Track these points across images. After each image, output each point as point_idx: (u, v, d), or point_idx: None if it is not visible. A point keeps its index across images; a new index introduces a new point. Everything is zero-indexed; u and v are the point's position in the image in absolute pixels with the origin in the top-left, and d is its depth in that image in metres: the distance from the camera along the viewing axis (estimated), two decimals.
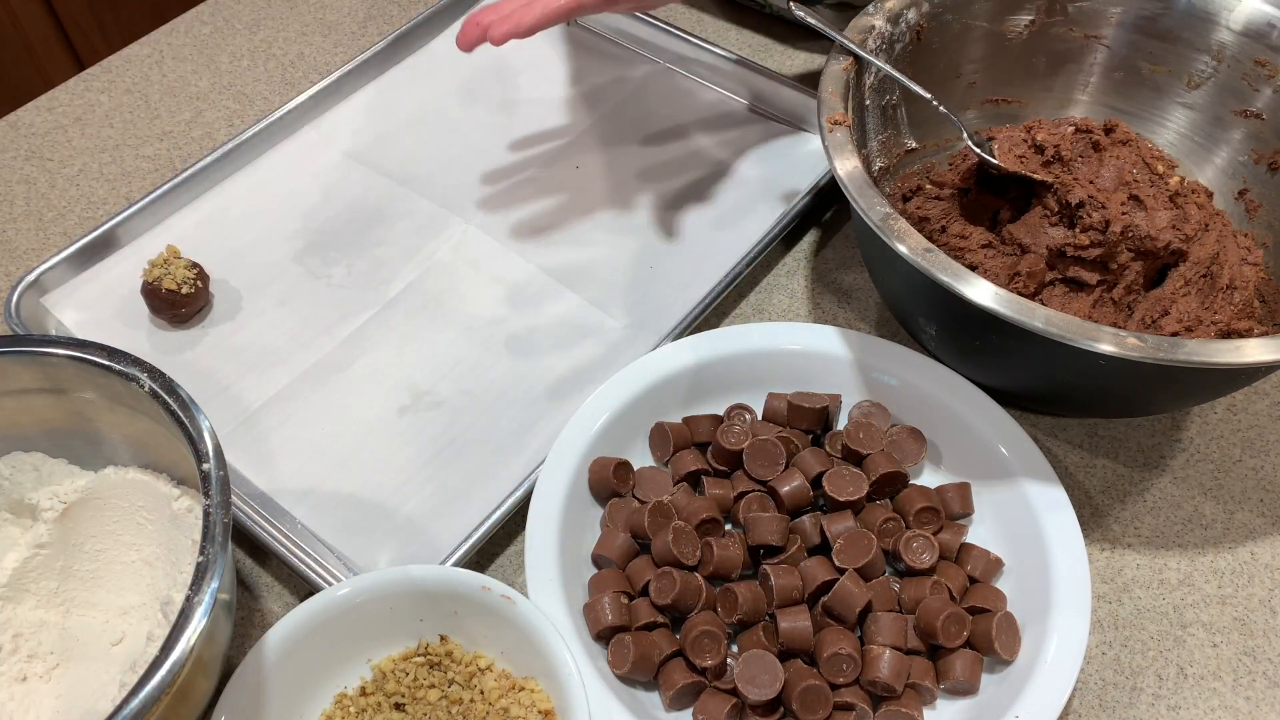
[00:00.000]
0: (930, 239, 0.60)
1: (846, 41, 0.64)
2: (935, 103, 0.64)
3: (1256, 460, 0.64)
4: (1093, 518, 0.62)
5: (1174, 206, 0.62)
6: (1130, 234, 0.60)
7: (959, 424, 0.60)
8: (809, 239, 0.76)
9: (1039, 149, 0.66)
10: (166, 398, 0.50)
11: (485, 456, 0.63)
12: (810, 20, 0.67)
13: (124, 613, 0.55)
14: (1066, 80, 0.73)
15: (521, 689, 0.51)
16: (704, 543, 0.56)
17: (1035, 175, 0.62)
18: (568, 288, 0.71)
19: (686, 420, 0.62)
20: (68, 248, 0.69)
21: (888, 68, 0.64)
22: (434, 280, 0.71)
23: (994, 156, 0.64)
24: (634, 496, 0.59)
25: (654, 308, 0.69)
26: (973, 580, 0.56)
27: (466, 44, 0.63)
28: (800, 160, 0.78)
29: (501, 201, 0.76)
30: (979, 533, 0.59)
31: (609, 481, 0.58)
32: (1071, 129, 0.67)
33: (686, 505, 0.58)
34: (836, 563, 0.55)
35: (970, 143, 0.64)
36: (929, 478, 0.62)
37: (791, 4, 0.68)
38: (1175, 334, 0.60)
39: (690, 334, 0.64)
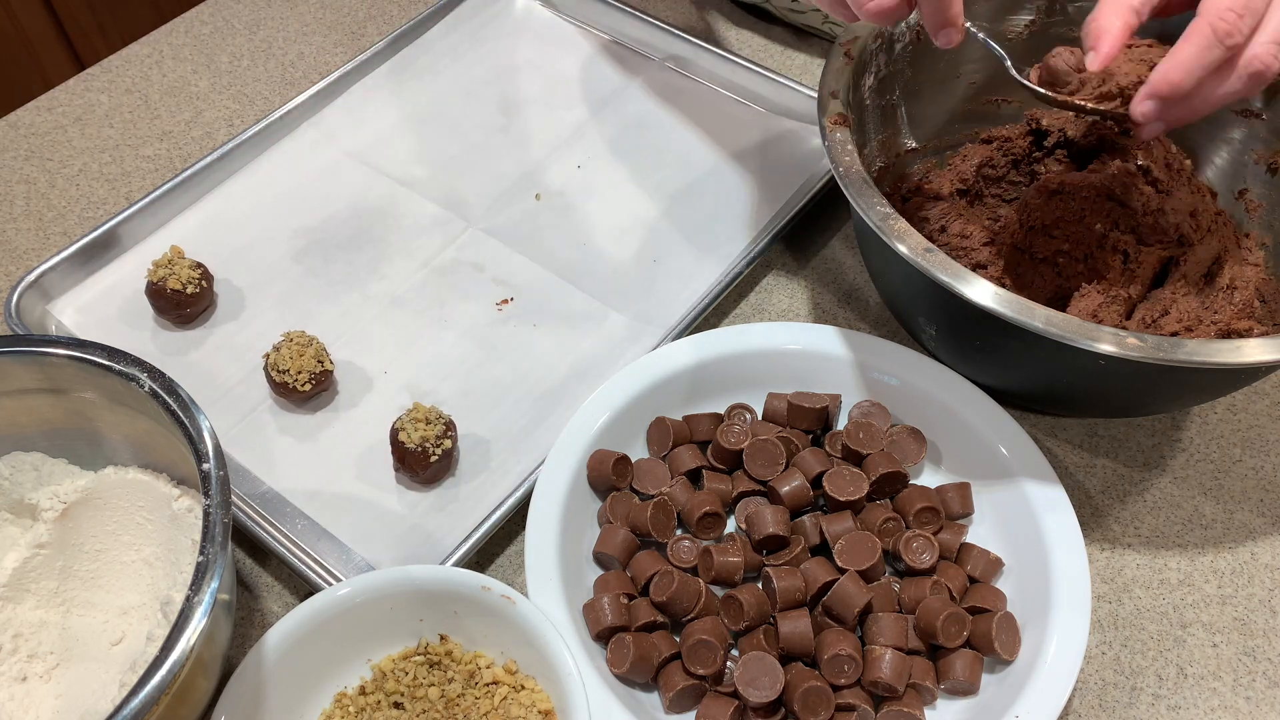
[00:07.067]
0: (930, 239, 0.60)
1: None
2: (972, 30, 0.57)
3: (1256, 460, 0.64)
4: (1093, 518, 0.62)
5: (1191, 192, 0.63)
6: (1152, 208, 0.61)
7: (959, 424, 0.60)
8: (809, 239, 0.76)
9: (1042, 134, 0.66)
10: (166, 398, 0.50)
11: (486, 456, 0.63)
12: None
13: (124, 613, 0.55)
14: None
15: (521, 689, 0.51)
16: (703, 550, 0.56)
17: (1093, 106, 0.54)
18: (569, 288, 0.71)
19: (686, 419, 0.62)
20: (68, 248, 0.69)
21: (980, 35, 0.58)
22: (436, 280, 0.71)
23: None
24: (632, 489, 0.59)
25: (656, 304, 0.69)
26: (973, 580, 0.56)
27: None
28: (800, 160, 0.78)
29: (503, 201, 0.76)
30: (979, 533, 0.59)
31: (608, 476, 0.58)
32: (1071, 112, 0.67)
33: (686, 500, 0.58)
34: (839, 563, 0.55)
35: (1016, 74, 0.57)
36: (929, 478, 0.62)
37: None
38: (1175, 334, 0.60)
39: (691, 334, 0.64)
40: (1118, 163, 0.63)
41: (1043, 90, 0.55)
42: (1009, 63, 0.57)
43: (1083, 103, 0.54)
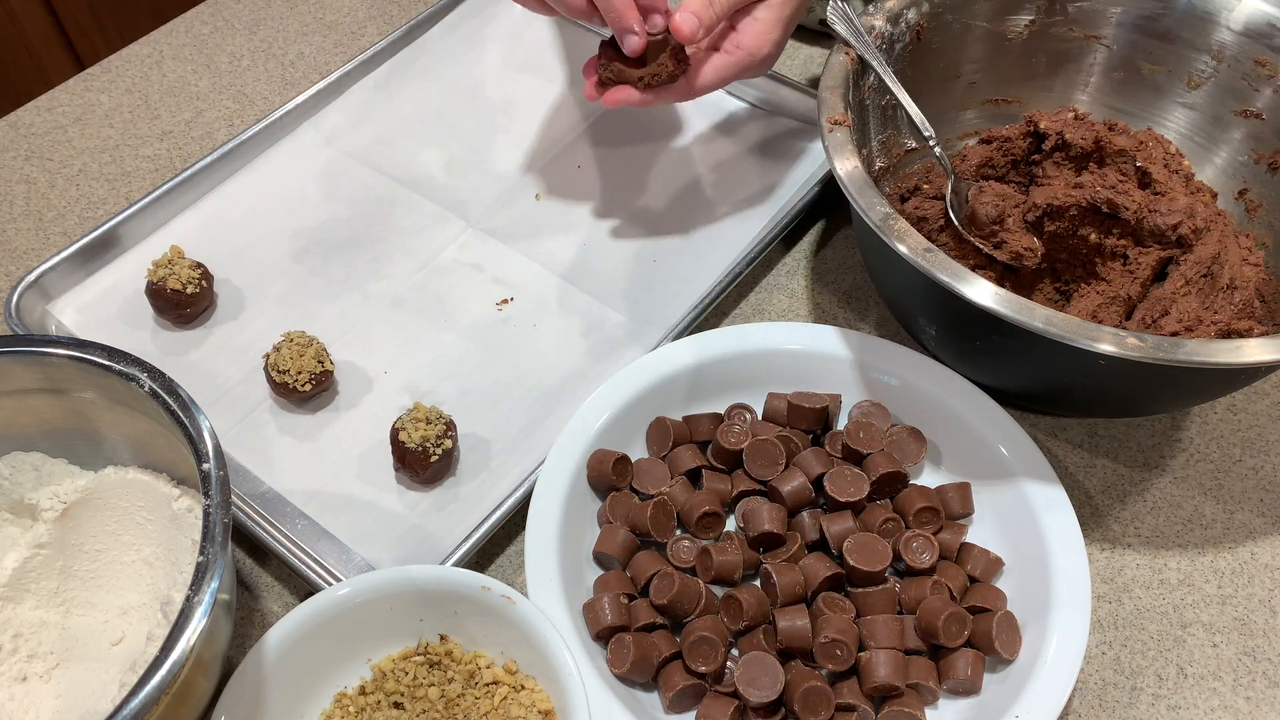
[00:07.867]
0: (930, 239, 0.60)
1: (867, 55, 0.64)
2: (931, 143, 0.65)
3: (1256, 460, 0.64)
4: (1093, 518, 0.62)
5: (1190, 193, 0.63)
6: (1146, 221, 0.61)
7: (959, 424, 0.60)
8: (809, 239, 0.76)
9: (1041, 136, 0.66)
10: (166, 397, 0.50)
11: (486, 456, 0.63)
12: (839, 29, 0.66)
13: (124, 613, 0.55)
14: (1066, 80, 0.73)
15: (521, 689, 0.51)
16: (701, 549, 0.56)
17: (994, 254, 0.63)
18: (570, 287, 0.71)
19: (686, 419, 0.62)
20: (68, 248, 0.69)
21: (903, 96, 0.64)
22: (436, 280, 0.71)
23: (970, 207, 0.64)
24: (632, 489, 0.59)
25: (656, 304, 0.69)
26: (973, 580, 0.56)
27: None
28: (800, 160, 0.78)
29: (503, 201, 0.76)
30: (979, 533, 0.59)
31: (608, 476, 0.58)
32: (1072, 115, 0.67)
33: (686, 499, 0.58)
34: (851, 562, 0.54)
35: (948, 201, 0.65)
36: (929, 478, 0.62)
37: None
38: (1175, 334, 0.60)
39: (691, 334, 0.64)
40: (1103, 173, 0.64)
41: (964, 233, 0.64)
42: (950, 182, 0.65)
43: (989, 252, 0.63)
